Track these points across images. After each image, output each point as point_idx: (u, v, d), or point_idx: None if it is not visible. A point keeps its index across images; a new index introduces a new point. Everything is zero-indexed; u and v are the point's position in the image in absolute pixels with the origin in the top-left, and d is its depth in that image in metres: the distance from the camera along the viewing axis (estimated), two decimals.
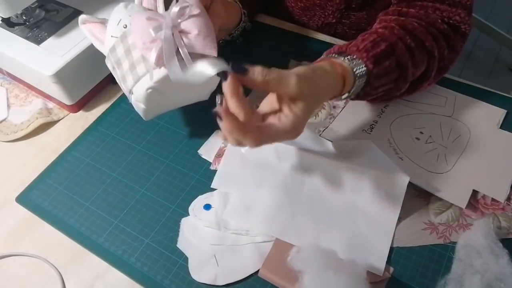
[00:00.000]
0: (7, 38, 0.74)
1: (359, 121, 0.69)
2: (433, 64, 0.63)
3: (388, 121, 0.69)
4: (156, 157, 0.69)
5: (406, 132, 0.67)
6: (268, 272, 0.55)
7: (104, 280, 0.57)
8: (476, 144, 0.65)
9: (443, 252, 0.56)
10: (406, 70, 0.59)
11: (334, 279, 0.50)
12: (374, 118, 0.69)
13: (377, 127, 0.68)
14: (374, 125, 0.68)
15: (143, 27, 0.54)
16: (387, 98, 0.65)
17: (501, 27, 1.95)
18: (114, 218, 0.62)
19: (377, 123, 0.68)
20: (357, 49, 0.57)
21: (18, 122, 0.75)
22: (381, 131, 0.68)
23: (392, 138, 0.67)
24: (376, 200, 0.60)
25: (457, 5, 0.66)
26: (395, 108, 0.70)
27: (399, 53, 0.58)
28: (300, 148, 0.64)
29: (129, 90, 0.59)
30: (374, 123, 0.68)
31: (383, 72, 0.57)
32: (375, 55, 0.56)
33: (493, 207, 0.60)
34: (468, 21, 0.66)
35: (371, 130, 0.68)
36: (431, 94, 0.71)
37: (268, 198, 0.61)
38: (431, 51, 0.62)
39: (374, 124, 0.68)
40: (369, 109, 0.70)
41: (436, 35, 0.62)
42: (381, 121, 0.69)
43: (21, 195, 0.66)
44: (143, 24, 0.54)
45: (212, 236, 0.59)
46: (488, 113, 0.69)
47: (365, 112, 0.70)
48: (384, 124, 0.68)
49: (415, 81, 0.64)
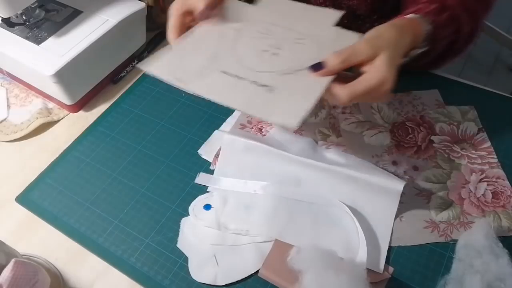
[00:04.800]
0: (7, 38, 0.74)
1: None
2: (476, 26, 0.65)
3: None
4: (156, 157, 0.69)
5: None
6: (268, 272, 0.55)
7: (104, 280, 0.57)
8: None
9: (443, 252, 0.56)
10: (460, 22, 0.62)
11: (334, 279, 0.50)
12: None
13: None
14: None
15: None
16: (449, 56, 0.68)
17: (501, 27, 1.95)
18: (114, 218, 0.62)
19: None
20: (415, 10, 0.60)
21: (18, 122, 0.75)
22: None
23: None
24: (373, 200, 0.60)
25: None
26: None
27: (451, 8, 0.61)
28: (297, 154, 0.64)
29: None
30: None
31: (443, 23, 0.60)
32: (432, 11, 0.60)
33: (493, 204, 0.60)
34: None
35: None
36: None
37: (266, 199, 0.61)
38: (469, 16, 0.64)
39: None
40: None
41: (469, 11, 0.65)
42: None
43: (21, 195, 0.66)
44: None
45: (212, 236, 0.59)
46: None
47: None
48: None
49: (462, 44, 0.67)
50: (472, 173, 0.63)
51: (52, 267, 0.58)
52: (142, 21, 0.82)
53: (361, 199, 0.60)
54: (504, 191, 0.61)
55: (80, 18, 0.76)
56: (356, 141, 0.68)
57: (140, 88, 0.79)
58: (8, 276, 0.49)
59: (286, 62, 0.56)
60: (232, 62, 0.56)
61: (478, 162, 0.65)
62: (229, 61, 0.56)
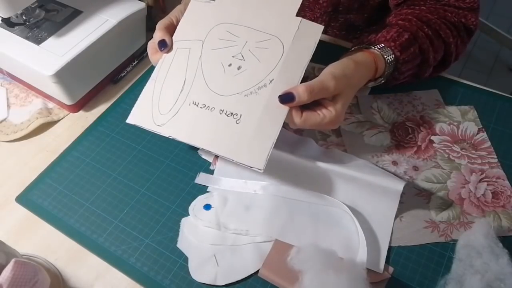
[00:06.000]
0: (7, 38, 0.74)
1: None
2: (450, 50, 0.69)
3: None
4: (156, 157, 0.69)
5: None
6: (268, 272, 0.55)
7: (104, 280, 0.57)
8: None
9: (443, 252, 0.56)
10: (428, 55, 0.66)
11: (334, 279, 0.50)
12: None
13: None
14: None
15: None
16: (411, 81, 0.71)
17: (501, 27, 1.95)
18: (114, 218, 0.62)
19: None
20: (385, 39, 0.64)
21: (18, 122, 0.75)
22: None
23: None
24: (373, 200, 0.60)
25: (464, 8, 0.69)
26: None
27: (420, 41, 0.65)
28: (297, 154, 0.64)
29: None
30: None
31: (409, 58, 0.64)
32: (401, 44, 0.64)
33: (493, 204, 0.60)
34: (475, 21, 0.70)
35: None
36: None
37: (266, 199, 0.61)
38: (445, 39, 0.68)
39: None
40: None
41: (448, 25, 0.68)
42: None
43: (21, 195, 0.66)
44: None
45: (212, 236, 0.59)
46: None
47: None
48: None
49: (437, 66, 0.71)
50: (472, 173, 0.63)
51: (52, 267, 0.58)
52: (142, 21, 0.82)
53: (361, 199, 0.60)
54: (504, 191, 0.62)
55: (80, 18, 0.76)
56: (356, 141, 0.68)
57: (140, 88, 0.77)
58: (8, 276, 0.49)
59: (250, 77, 0.57)
60: (200, 90, 0.58)
61: (478, 162, 0.65)
62: (198, 88, 0.58)
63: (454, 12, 0.69)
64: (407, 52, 0.64)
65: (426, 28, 0.66)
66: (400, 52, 0.63)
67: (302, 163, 0.63)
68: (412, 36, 0.65)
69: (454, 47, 0.69)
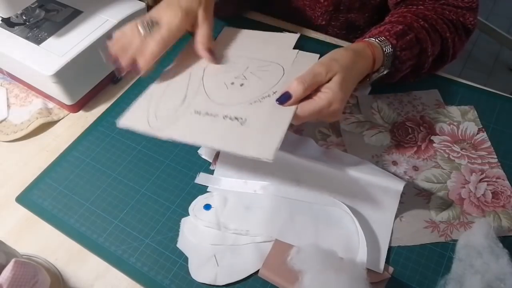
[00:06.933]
0: (7, 38, 0.74)
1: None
2: (447, 45, 0.68)
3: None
4: (156, 157, 0.69)
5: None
6: (268, 272, 0.55)
7: (104, 280, 0.57)
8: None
9: (443, 252, 0.56)
10: (426, 44, 0.65)
11: (334, 279, 0.50)
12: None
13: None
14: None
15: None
16: (414, 76, 0.70)
17: (501, 27, 1.95)
18: (114, 218, 0.62)
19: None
20: (379, 31, 0.64)
21: (18, 122, 0.75)
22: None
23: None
24: (373, 200, 0.60)
25: (462, 8, 0.70)
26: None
27: (416, 30, 0.65)
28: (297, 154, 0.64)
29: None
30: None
31: (406, 45, 0.64)
32: (396, 33, 0.64)
33: (493, 204, 0.60)
34: (473, 21, 0.70)
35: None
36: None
37: (266, 199, 0.61)
38: (442, 33, 0.67)
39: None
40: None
41: (445, 21, 0.68)
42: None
43: (21, 195, 0.66)
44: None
45: (212, 236, 0.59)
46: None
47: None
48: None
49: (436, 61, 0.70)
50: (472, 173, 0.64)
51: (52, 267, 0.58)
52: None
53: (361, 199, 0.60)
54: (504, 191, 0.62)
55: (80, 18, 0.76)
56: (356, 141, 0.68)
57: (140, 88, 0.78)
58: (8, 276, 0.49)
59: (253, 91, 0.59)
60: (202, 101, 0.59)
61: (478, 162, 0.65)
62: (199, 99, 0.59)
63: (453, 11, 0.69)
64: (403, 40, 0.63)
65: (421, 21, 0.66)
66: (396, 40, 0.63)
67: (302, 163, 0.63)
68: (407, 27, 0.64)
69: (451, 42, 0.68)
